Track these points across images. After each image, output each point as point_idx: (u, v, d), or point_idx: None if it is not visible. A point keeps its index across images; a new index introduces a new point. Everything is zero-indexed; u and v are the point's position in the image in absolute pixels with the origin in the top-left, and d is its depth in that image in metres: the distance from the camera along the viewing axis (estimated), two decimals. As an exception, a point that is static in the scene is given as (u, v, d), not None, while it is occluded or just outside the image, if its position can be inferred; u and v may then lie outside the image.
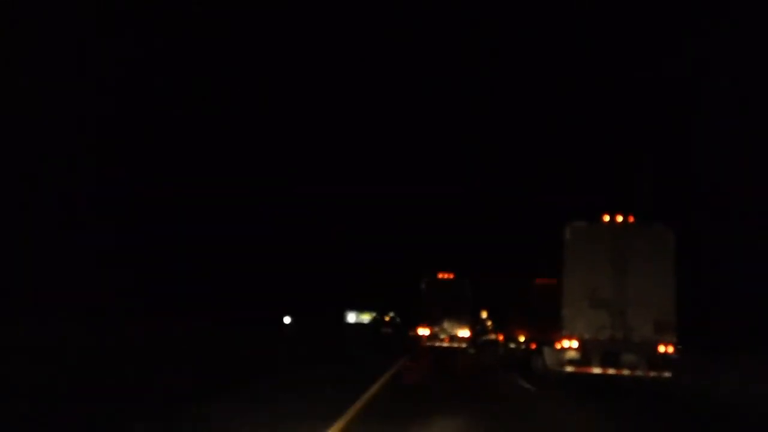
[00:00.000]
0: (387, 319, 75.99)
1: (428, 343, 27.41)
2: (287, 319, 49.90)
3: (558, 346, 14.45)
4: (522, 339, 20.51)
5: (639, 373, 13.68)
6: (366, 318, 76.57)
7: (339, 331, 47.03)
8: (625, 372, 13.75)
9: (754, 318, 20.11)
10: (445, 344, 27.40)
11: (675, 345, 13.64)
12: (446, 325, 27.64)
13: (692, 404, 13.79)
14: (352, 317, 76.41)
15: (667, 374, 13.53)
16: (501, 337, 26.14)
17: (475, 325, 32.93)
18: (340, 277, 56.90)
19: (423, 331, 27.77)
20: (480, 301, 33.81)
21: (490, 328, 48.15)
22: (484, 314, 37.86)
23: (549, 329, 15.74)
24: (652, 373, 13.61)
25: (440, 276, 28.75)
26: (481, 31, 55.06)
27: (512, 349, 22.52)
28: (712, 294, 22.33)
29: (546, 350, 16.04)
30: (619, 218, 14.35)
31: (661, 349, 13.61)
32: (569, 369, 14.12)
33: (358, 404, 9.74)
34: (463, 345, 27.73)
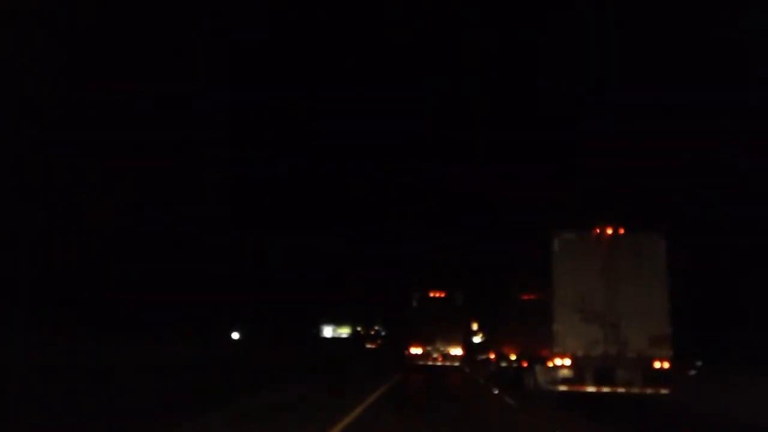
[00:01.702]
0: (372, 332, 74.41)
1: (421, 362, 27.11)
2: (235, 335, 42.65)
3: (550, 364, 13.79)
4: (513, 357, 19.78)
5: (635, 390, 13.03)
6: (345, 332, 72.94)
7: (307, 349, 39.54)
8: (620, 389, 13.11)
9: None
10: (438, 363, 27.09)
11: (671, 359, 13.01)
12: (439, 343, 27.33)
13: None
14: (328, 331, 71.88)
15: (664, 391, 12.89)
16: (492, 356, 25.39)
17: (469, 341, 32.61)
18: (310, 284, 50.74)
19: (415, 350, 27.45)
20: (471, 315, 33.58)
21: (481, 338, 47.58)
22: (474, 326, 37.40)
23: (540, 346, 15.09)
24: (649, 390, 12.98)
25: (432, 294, 28.45)
26: (444, 40, 54.98)
27: (504, 367, 21.76)
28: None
29: (538, 368, 15.34)
30: (609, 229, 13.79)
31: (657, 364, 12.99)
32: (562, 388, 13.47)
33: None
34: (456, 363, 27.41)
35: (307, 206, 50.39)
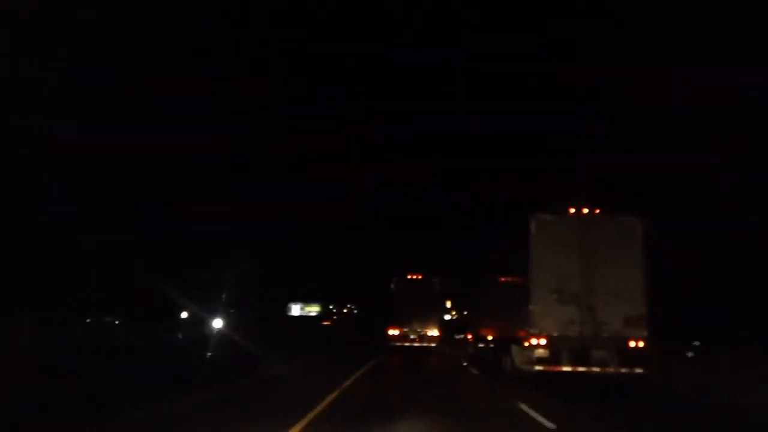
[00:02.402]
0: (345, 311, 73.11)
1: (398, 343, 27.67)
2: (184, 314, 36.84)
3: (526, 344, 13.87)
4: (490, 338, 19.91)
5: (610, 370, 13.16)
6: (314, 310, 71.02)
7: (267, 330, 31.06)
8: (596, 369, 13.23)
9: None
10: (416, 344, 27.62)
11: (647, 339, 13.14)
12: (416, 325, 27.82)
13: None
14: (296, 310, 69.74)
15: (638, 370, 13.02)
16: (470, 337, 25.55)
17: (444, 321, 33.00)
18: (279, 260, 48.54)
19: (393, 332, 27.94)
20: (447, 298, 33.87)
21: (452, 317, 47.95)
22: (448, 303, 37.78)
23: (516, 327, 15.17)
24: (624, 370, 13.10)
25: (409, 276, 28.97)
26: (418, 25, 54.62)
27: (481, 348, 21.90)
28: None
29: (514, 349, 15.44)
30: (586, 210, 13.84)
31: (632, 344, 13.12)
32: (538, 367, 13.57)
33: None
34: (433, 344, 27.92)
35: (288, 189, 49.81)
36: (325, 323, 53.69)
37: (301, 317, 67.88)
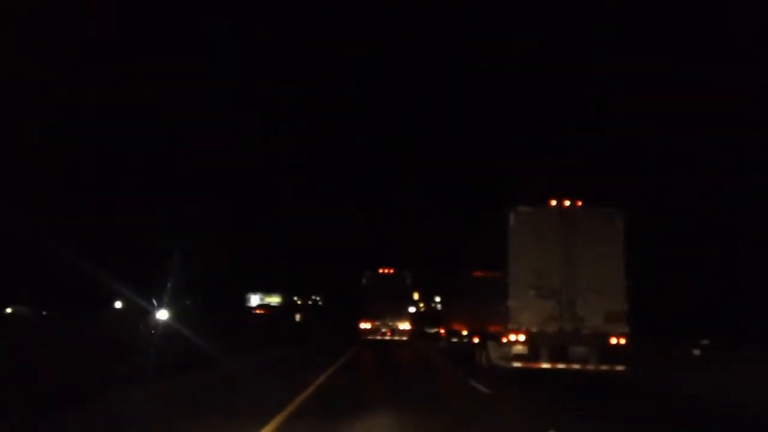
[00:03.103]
0: (310, 303, 70.12)
1: (370, 337, 27.86)
2: (118, 305, 34.81)
3: (504, 339, 13.43)
4: (465, 333, 19.51)
5: (590, 367, 12.79)
6: (275, 301, 65.60)
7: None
8: (576, 366, 12.85)
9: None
10: (387, 337, 27.83)
11: (628, 336, 12.79)
12: (388, 318, 28.01)
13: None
14: (255, 300, 64.81)
15: (620, 368, 12.65)
16: (443, 331, 25.19)
17: (414, 314, 32.95)
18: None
19: (365, 325, 28.16)
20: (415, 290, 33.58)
21: (422, 309, 47.78)
22: (416, 295, 37.79)
23: (493, 322, 14.75)
24: (604, 367, 12.74)
25: (381, 271, 29.25)
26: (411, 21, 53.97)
27: (454, 343, 21.51)
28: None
29: (491, 345, 15.03)
30: (567, 202, 13.41)
31: (613, 341, 12.75)
32: (516, 364, 13.13)
33: None
34: (405, 338, 28.08)
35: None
36: (297, 316, 51.86)
37: (261, 307, 63.59)
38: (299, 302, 69.57)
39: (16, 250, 28.68)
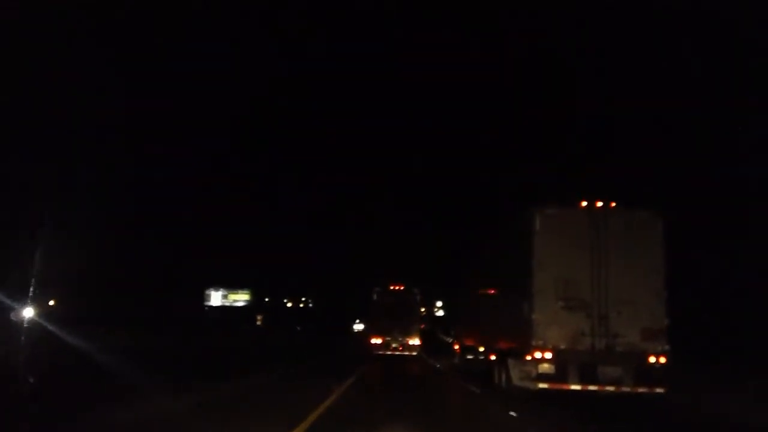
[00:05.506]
0: (300, 305, 61.28)
1: (381, 351, 28.18)
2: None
3: (528, 357, 11.97)
4: (482, 349, 18.00)
5: (625, 389, 11.32)
6: (242, 299, 56.36)
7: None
8: (609, 388, 11.38)
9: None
10: (398, 353, 28.26)
11: (668, 354, 11.32)
12: (398, 334, 28.47)
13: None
14: (216, 298, 55.48)
15: (659, 390, 11.19)
16: (457, 347, 23.71)
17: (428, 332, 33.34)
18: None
19: (376, 340, 28.62)
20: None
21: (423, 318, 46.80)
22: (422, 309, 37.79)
23: (514, 337, 13.30)
24: (641, 389, 11.27)
25: (391, 287, 29.69)
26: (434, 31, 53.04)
27: (470, 360, 19.99)
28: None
29: (511, 363, 13.54)
30: (599, 203, 12.00)
31: (652, 359, 11.29)
32: (541, 385, 11.68)
33: None
34: (414, 353, 28.59)
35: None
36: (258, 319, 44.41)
37: (223, 309, 55.00)
38: (267, 300, 61.45)
39: None
